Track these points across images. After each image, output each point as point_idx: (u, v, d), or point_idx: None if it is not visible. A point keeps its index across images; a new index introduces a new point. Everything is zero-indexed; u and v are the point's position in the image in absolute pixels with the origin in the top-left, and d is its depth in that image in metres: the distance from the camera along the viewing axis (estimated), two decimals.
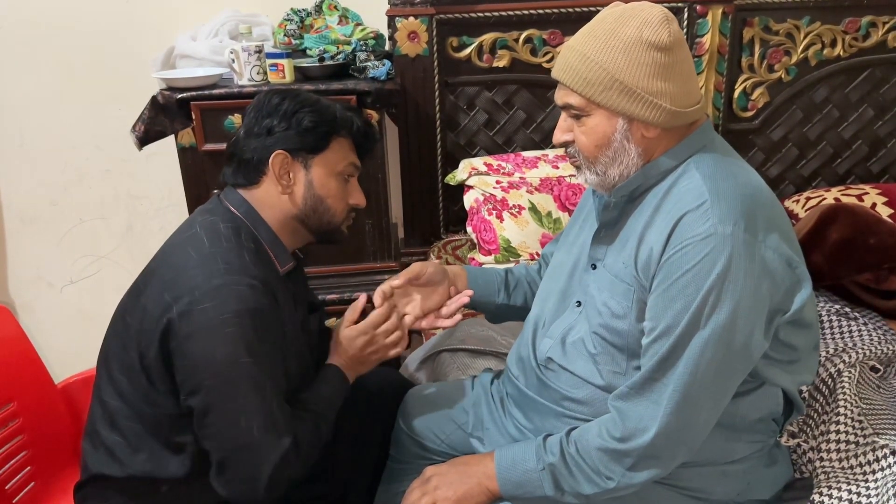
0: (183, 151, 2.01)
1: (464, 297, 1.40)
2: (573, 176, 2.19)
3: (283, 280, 1.29)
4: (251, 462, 1.15)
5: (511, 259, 2.12)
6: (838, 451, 1.29)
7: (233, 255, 1.19)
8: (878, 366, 1.53)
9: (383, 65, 2.06)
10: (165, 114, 1.97)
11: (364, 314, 1.37)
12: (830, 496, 1.22)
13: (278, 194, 1.28)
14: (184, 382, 1.16)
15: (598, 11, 1.15)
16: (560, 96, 1.16)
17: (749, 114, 2.45)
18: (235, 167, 1.29)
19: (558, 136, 1.19)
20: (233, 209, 1.28)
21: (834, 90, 2.47)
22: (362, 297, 1.38)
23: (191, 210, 2.04)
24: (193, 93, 1.94)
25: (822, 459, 1.29)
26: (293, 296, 1.32)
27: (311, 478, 1.30)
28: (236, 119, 1.96)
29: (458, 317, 1.41)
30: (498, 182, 2.21)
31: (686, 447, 1.10)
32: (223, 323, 1.13)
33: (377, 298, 1.36)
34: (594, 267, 1.22)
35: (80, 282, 2.62)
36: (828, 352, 1.49)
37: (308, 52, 2.11)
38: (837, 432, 1.31)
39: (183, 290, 1.15)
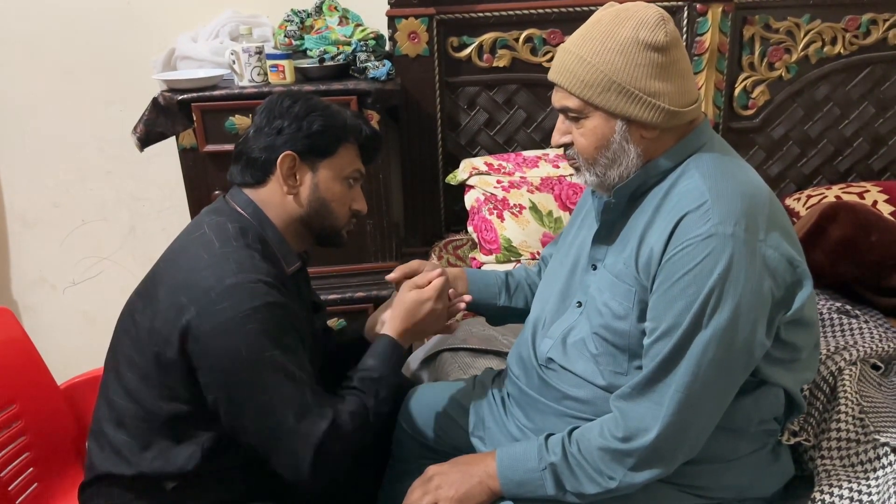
0: (184, 153, 2.01)
1: (460, 303, 1.39)
2: (573, 175, 2.19)
3: (290, 280, 1.29)
4: (291, 450, 1.16)
5: (512, 259, 2.12)
6: (839, 449, 1.29)
7: (243, 255, 1.20)
8: (879, 363, 1.53)
9: (384, 65, 2.06)
10: (166, 115, 1.97)
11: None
12: (831, 494, 1.22)
13: (283, 195, 1.28)
14: (210, 383, 1.16)
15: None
16: (557, 99, 1.15)
17: (750, 112, 2.45)
18: (243, 166, 1.29)
19: (556, 138, 1.19)
20: (240, 210, 1.28)
21: (835, 88, 2.47)
22: (438, 270, 1.35)
23: (192, 211, 2.04)
24: (194, 94, 1.95)
25: (822, 457, 1.29)
26: (299, 295, 1.33)
27: None
28: (237, 120, 1.97)
29: (455, 323, 1.41)
30: (499, 182, 2.21)
31: (688, 447, 1.10)
32: (243, 320, 1.13)
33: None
34: (594, 267, 1.22)
35: (83, 283, 2.62)
36: (829, 350, 1.49)
37: (308, 52, 2.11)
38: (838, 430, 1.31)
39: (198, 292, 1.15)
